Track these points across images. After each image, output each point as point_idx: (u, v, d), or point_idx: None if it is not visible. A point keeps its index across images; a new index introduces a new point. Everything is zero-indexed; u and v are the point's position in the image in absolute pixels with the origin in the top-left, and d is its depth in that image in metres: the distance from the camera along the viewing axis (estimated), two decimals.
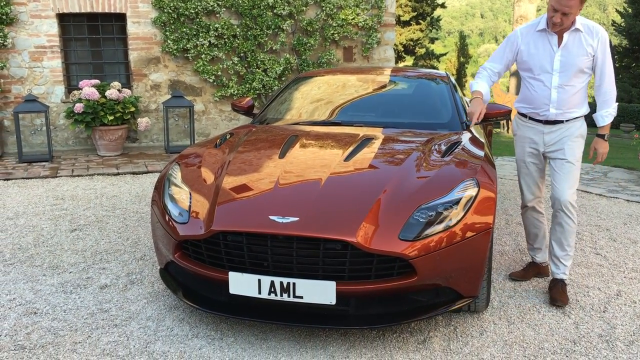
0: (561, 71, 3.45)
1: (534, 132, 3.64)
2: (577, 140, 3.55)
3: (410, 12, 26.14)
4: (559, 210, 3.52)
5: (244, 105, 4.81)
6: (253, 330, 3.07)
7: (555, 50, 3.44)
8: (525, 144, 3.70)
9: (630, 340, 3.02)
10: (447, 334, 3.06)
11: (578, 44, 3.40)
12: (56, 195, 6.04)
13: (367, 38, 10.01)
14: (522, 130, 3.73)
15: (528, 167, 3.73)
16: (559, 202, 3.51)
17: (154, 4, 8.97)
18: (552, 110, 3.51)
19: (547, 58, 3.47)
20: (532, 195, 3.77)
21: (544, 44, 3.47)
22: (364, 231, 2.73)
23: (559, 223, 3.55)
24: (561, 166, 3.53)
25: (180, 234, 2.99)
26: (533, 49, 3.51)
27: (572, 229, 3.54)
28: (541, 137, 3.60)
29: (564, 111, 3.51)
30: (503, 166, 8.43)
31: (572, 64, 3.42)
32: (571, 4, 3.19)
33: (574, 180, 3.52)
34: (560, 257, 3.58)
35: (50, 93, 8.89)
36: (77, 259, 4.14)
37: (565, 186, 3.49)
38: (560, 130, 3.55)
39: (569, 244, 3.56)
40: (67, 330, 3.07)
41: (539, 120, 3.60)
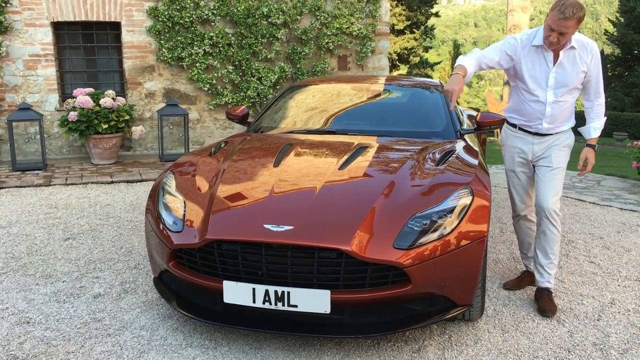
0: (555, 87, 3.46)
1: (523, 142, 3.65)
2: (564, 149, 3.58)
3: (404, 21, 26.26)
4: (543, 218, 3.53)
5: (238, 114, 4.81)
6: (247, 340, 3.05)
7: (550, 67, 3.45)
8: (515, 154, 3.71)
9: (624, 349, 3.02)
10: (441, 343, 3.05)
11: (573, 61, 3.41)
12: (50, 204, 6.02)
13: (362, 47, 10.05)
14: (511, 140, 3.74)
15: (518, 177, 3.73)
16: (542, 210, 3.51)
17: (148, 12, 8.99)
18: (544, 124, 3.53)
19: (542, 74, 3.47)
20: (523, 204, 3.78)
21: (540, 60, 3.47)
22: (358, 240, 2.73)
23: (542, 231, 3.56)
24: (545, 174, 3.54)
25: (175, 243, 2.98)
26: (530, 63, 3.50)
27: (555, 237, 3.53)
28: (530, 147, 3.62)
29: (555, 126, 3.54)
30: (497, 174, 8.45)
31: (567, 81, 3.44)
32: (568, 25, 3.19)
33: (558, 187, 3.52)
34: (545, 266, 3.57)
35: (44, 101, 8.88)
36: (70, 268, 4.12)
37: (549, 194, 3.49)
38: (549, 140, 3.57)
39: (553, 252, 3.55)
40: (60, 339, 3.05)
41: (528, 132, 3.62)
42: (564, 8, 3.16)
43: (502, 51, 3.54)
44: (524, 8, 17.92)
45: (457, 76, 3.42)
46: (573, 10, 3.15)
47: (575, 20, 3.18)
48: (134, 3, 8.98)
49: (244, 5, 9.27)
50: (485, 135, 6.35)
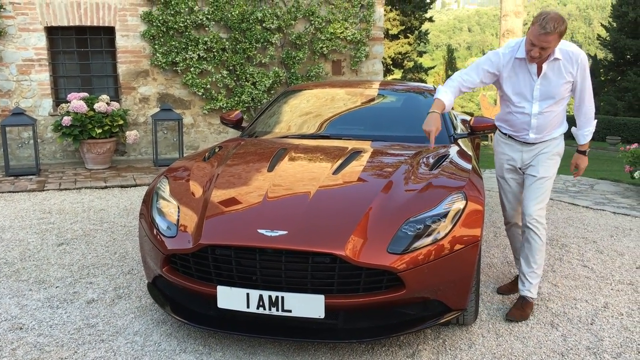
0: (541, 99, 3.41)
1: (512, 149, 3.64)
2: (554, 157, 3.54)
3: (398, 26, 26.34)
4: (526, 226, 3.50)
5: (232, 119, 4.81)
6: (241, 345, 3.05)
7: (534, 79, 3.39)
8: (504, 161, 3.70)
9: (618, 352, 3.03)
10: (436, 347, 3.06)
11: (558, 73, 3.34)
12: (43, 209, 6.00)
13: (356, 52, 10.07)
14: (501, 147, 3.73)
15: (508, 183, 3.72)
16: (525, 217, 3.49)
17: (142, 17, 8.99)
18: (531, 135, 3.51)
19: (526, 87, 3.42)
20: (513, 211, 3.77)
21: (524, 73, 3.41)
22: (352, 244, 2.73)
23: (526, 239, 3.52)
24: (531, 182, 3.52)
25: (168, 248, 2.97)
26: (513, 76, 3.44)
27: (538, 246, 3.48)
28: (519, 155, 3.61)
29: (544, 135, 3.51)
30: (491, 179, 8.47)
31: (552, 92, 3.39)
32: (550, 39, 3.12)
33: (543, 196, 3.48)
34: (527, 274, 3.53)
35: (38, 106, 8.85)
36: (63, 274, 4.10)
37: (532, 202, 3.46)
38: (538, 148, 3.55)
39: (535, 262, 3.50)
40: (53, 345, 3.04)
41: (517, 140, 3.61)
42: (545, 23, 3.09)
43: (484, 70, 3.47)
44: (517, 13, 18.01)
45: (433, 115, 3.35)
46: (554, 25, 3.08)
47: (556, 35, 3.11)
48: (128, 8, 8.98)
49: (238, 10, 9.28)
50: (479, 140, 6.38)
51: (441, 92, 3.47)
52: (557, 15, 3.13)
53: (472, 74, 3.49)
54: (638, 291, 3.91)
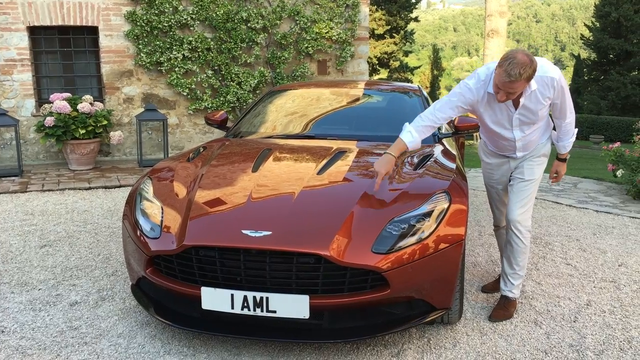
0: (521, 126, 3.34)
1: (499, 161, 3.62)
2: (539, 159, 3.52)
3: (384, 26, 26.41)
4: (509, 229, 3.48)
5: (217, 119, 4.79)
6: (226, 346, 3.04)
7: (512, 111, 3.27)
8: (493, 171, 3.69)
9: (600, 350, 3.06)
10: (420, 346, 3.07)
11: (535, 101, 3.21)
12: (26, 211, 5.93)
13: (341, 51, 10.08)
14: (487, 157, 3.71)
15: (497, 191, 3.74)
16: (509, 221, 3.47)
17: (126, 17, 8.93)
18: (518, 154, 3.49)
19: (505, 118, 3.31)
20: (502, 216, 3.79)
21: (500, 106, 3.27)
22: (337, 244, 2.73)
23: (508, 241, 3.51)
24: (515, 185, 3.50)
25: (152, 249, 2.95)
26: (490, 110, 3.32)
27: (520, 249, 3.45)
28: (508, 165, 3.60)
29: (529, 150, 3.49)
30: (476, 178, 8.52)
31: (532, 118, 3.30)
32: (515, 86, 2.97)
33: (527, 199, 3.44)
34: (509, 275, 3.53)
35: (20, 107, 8.76)
36: (46, 276, 4.06)
37: (516, 205, 3.43)
38: (526, 156, 3.53)
39: (517, 264, 3.49)
40: (35, 349, 3.00)
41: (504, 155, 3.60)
42: (510, 69, 2.90)
43: (457, 106, 3.29)
44: (501, 13, 18.12)
45: (387, 157, 3.18)
46: (520, 71, 2.89)
47: (523, 81, 2.95)
48: (111, 7, 8.91)
49: (223, 10, 9.25)
50: (464, 139, 6.41)
51: (405, 132, 3.27)
52: (524, 58, 2.91)
53: (446, 110, 3.29)
54: (620, 289, 3.95)
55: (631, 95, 27.01)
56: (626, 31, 28.45)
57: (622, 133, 19.04)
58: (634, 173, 6.99)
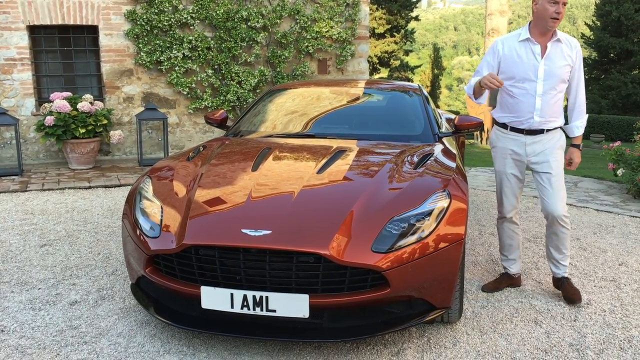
0: (545, 79, 3.51)
1: (516, 143, 3.66)
2: (559, 151, 3.63)
3: (384, 25, 26.40)
4: (555, 223, 3.63)
5: (217, 118, 4.79)
6: (226, 345, 3.03)
7: (538, 59, 3.50)
8: (507, 156, 3.71)
9: (600, 349, 3.06)
10: (420, 345, 3.06)
11: (560, 54, 3.50)
12: (26, 210, 5.93)
13: (342, 50, 10.07)
14: (502, 141, 3.74)
15: (509, 179, 3.74)
16: (553, 217, 3.60)
17: (126, 16, 8.92)
18: (536, 118, 3.55)
19: (531, 67, 3.52)
20: (510, 206, 3.81)
21: (527, 53, 3.53)
22: (336, 243, 2.73)
23: (554, 232, 3.67)
24: (549, 181, 3.59)
25: (152, 249, 2.95)
26: (517, 57, 3.56)
27: (567, 235, 3.67)
28: (523, 149, 3.64)
29: (547, 119, 3.57)
30: (476, 177, 8.52)
31: (555, 73, 3.50)
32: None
33: (564, 192, 3.63)
34: (559, 260, 3.73)
35: (20, 106, 8.75)
36: (46, 275, 4.06)
37: (558, 201, 3.58)
38: (542, 141, 3.60)
39: (565, 247, 3.70)
40: (35, 348, 3.00)
41: (520, 131, 3.63)
42: None
43: (489, 63, 3.67)
44: (502, 12, 18.12)
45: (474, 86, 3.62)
46: None
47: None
48: (111, 6, 8.90)
49: (223, 9, 9.24)
50: (464, 138, 6.41)
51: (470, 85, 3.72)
52: None
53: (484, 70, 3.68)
54: (621, 288, 3.95)
55: (632, 94, 26.97)
56: (627, 30, 28.41)
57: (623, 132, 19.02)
58: (635, 172, 6.98)
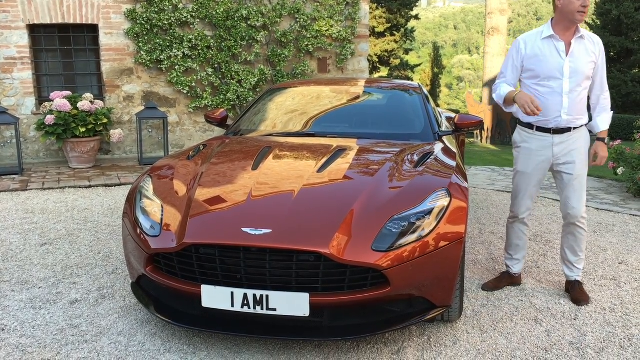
0: (571, 77, 3.47)
1: (543, 144, 3.60)
2: (585, 152, 3.62)
3: (384, 24, 26.36)
4: (572, 224, 3.65)
5: (217, 117, 4.79)
6: (226, 344, 3.04)
7: (563, 57, 3.48)
8: (532, 156, 3.65)
9: (601, 348, 3.06)
10: (421, 344, 3.06)
11: (584, 51, 3.49)
12: (26, 209, 5.94)
13: (342, 49, 10.07)
14: (528, 142, 3.67)
15: (530, 181, 3.70)
16: (573, 217, 3.63)
17: (126, 15, 8.92)
18: (564, 116, 3.51)
19: (556, 65, 3.48)
20: (526, 208, 3.78)
21: (552, 51, 3.49)
22: (337, 242, 2.73)
23: (571, 233, 3.69)
24: (572, 182, 3.60)
25: (152, 247, 2.95)
26: (541, 55, 3.51)
27: (583, 237, 3.71)
28: (550, 150, 3.59)
29: (574, 117, 3.53)
30: (476, 176, 8.52)
31: (580, 70, 3.47)
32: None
33: (585, 193, 3.64)
34: (574, 262, 3.75)
35: (20, 105, 8.75)
36: (47, 274, 4.06)
37: (579, 202, 3.61)
38: (569, 140, 3.56)
39: (581, 250, 3.74)
40: (35, 347, 3.00)
41: (547, 130, 3.58)
42: None
43: (514, 64, 3.63)
44: (502, 11, 18.11)
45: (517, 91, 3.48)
46: None
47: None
48: (111, 5, 8.90)
49: (223, 8, 9.24)
50: (464, 137, 6.41)
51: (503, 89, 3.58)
52: None
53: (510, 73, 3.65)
54: (621, 286, 3.95)
55: (632, 93, 26.97)
56: (627, 29, 28.39)
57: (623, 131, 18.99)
58: (635, 171, 6.99)
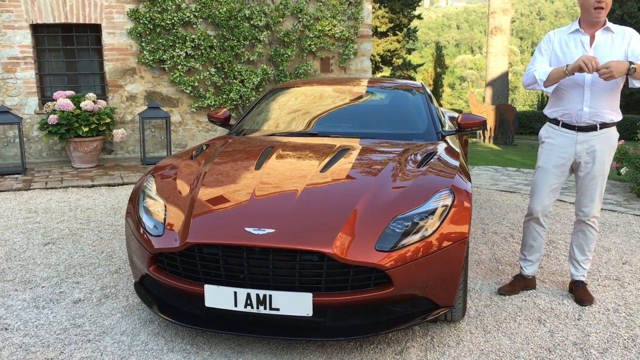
0: None
1: (566, 141, 3.58)
2: (611, 154, 3.58)
3: (387, 23, 26.34)
4: (585, 222, 3.67)
5: (220, 117, 4.79)
6: (229, 344, 3.04)
7: (587, 49, 3.47)
8: (553, 153, 3.63)
9: (604, 348, 3.05)
10: (424, 344, 3.06)
11: (610, 43, 3.44)
12: (29, 208, 5.94)
13: (344, 49, 10.06)
14: (552, 137, 3.65)
15: (549, 178, 3.67)
16: (585, 215, 3.65)
17: (129, 14, 8.93)
18: (585, 109, 3.47)
19: (579, 57, 3.40)
20: (541, 206, 3.73)
21: (576, 44, 3.51)
22: (340, 242, 2.73)
23: (582, 231, 3.71)
24: (588, 181, 3.60)
25: (155, 247, 2.95)
26: (565, 48, 3.54)
27: (594, 237, 3.73)
28: (573, 148, 3.57)
29: (598, 111, 3.47)
30: (479, 175, 8.51)
31: (606, 61, 3.35)
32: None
33: (602, 194, 3.65)
34: (580, 261, 3.75)
35: (23, 104, 8.77)
36: (50, 273, 4.07)
37: (594, 203, 3.62)
38: (594, 139, 3.52)
39: (589, 250, 3.75)
40: (39, 346, 3.01)
41: (572, 127, 3.55)
42: None
43: (546, 53, 3.61)
44: (505, 10, 18.07)
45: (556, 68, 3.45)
46: None
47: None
48: (114, 5, 8.91)
49: (226, 8, 9.24)
50: (467, 137, 6.40)
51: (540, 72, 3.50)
52: None
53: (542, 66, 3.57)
54: (624, 287, 3.94)
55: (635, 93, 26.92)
56: None
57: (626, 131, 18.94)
58: (638, 171, 6.97)
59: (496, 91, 18.04)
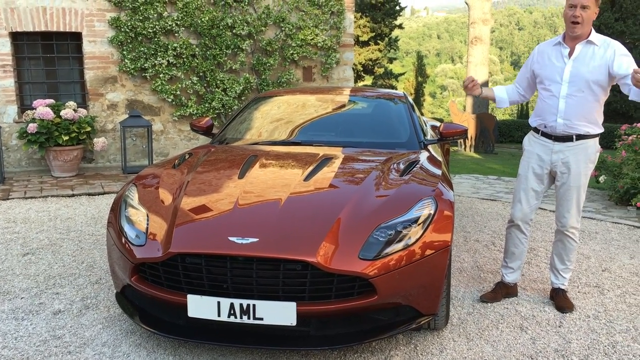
0: (570, 81, 3.47)
1: (544, 149, 3.64)
2: (587, 166, 3.59)
3: (368, 33, 26.51)
4: (562, 233, 3.71)
5: (202, 125, 4.77)
6: (212, 354, 3.01)
7: (565, 61, 3.50)
8: (532, 160, 3.70)
9: (585, 355, 3.08)
10: (407, 352, 3.07)
11: (590, 56, 3.44)
12: (7, 218, 5.86)
13: (327, 58, 10.11)
14: (531, 145, 3.73)
15: (527, 184, 3.73)
16: (563, 226, 3.70)
17: (110, 23, 8.88)
18: (559, 120, 3.52)
19: (557, 69, 3.51)
20: (521, 213, 3.77)
21: (556, 55, 3.55)
22: (324, 251, 2.73)
23: (561, 240, 3.76)
24: (566, 192, 3.63)
25: (137, 257, 2.93)
26: (546, 60, 3.59)
27: (573, 247, 3.76)
28: (549, 156, 3.62)
29: (572, 123, 3.51)
30: (460, 184, 8.58)
31: (583, 76, 3.43)
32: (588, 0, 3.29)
33: (579, 205, 3.66)
34: (560, 270, 3.79)
35: (2, 113, 8.65)
36: (29, 284, 4.01)
37: (571, 213, 3.66)
38: (570, 150, 3.55)
39: (569, 259, 3.78)
40: (18, 358, 2.96)
41: (550, 137, 3.61)
42: None
43: (524, 74, 3.80)
44: (485, 21, 18.30)
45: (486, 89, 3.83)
46: None
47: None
48: (95, 13, 8.86)
49: (208, 17, 9.24)
50: (449, 146, 6.45)
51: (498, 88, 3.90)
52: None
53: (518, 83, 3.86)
54: (604, 294, 3.99)
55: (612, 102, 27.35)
56: None
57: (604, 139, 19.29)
58: (616, 179, 7.08)
59: (477, 100, 18.22)
